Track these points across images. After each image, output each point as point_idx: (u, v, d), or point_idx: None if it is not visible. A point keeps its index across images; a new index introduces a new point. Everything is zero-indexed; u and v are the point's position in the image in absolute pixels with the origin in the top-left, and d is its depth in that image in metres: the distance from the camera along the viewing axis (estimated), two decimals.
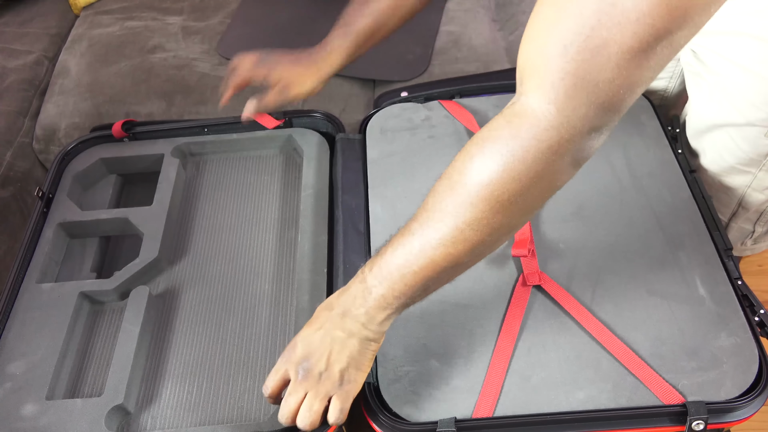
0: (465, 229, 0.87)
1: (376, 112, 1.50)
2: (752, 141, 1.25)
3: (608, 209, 1.26)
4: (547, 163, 0.82)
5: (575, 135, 0.81)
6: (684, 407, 1.01)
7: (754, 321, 1.11)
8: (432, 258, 0.91)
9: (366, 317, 0.98)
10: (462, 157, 0.89)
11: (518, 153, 0.82)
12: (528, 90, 0.81)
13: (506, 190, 0.84)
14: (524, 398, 1.05)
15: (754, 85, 1.19)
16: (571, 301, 1.14)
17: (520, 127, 0.82)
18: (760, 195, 1.33)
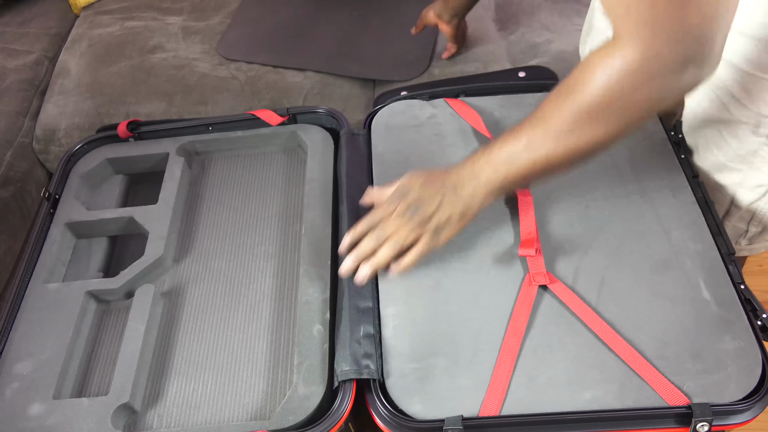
0: (568, 140, 1.05)
1: (381, 108, 1.50)
2: (741, 137, 1.26)
3: (613, 212, 1.26)
4: (644, 90, 0.97)
5: (666, 66, 0.93)
6: (689, 409, 1.01)
7: (757, 325, 1.11)
8: (533, 157, 1.08)
9: (470, 197, 1.16)
10: (572, 78, 1.03)
11: (618, 79, 0.96)
12: (621, 26, 0.94)
13: (615, 103, 0.99)
14: (530, 398, 1.05)
15: (741, 81, 1.20)
16: (577, 301, 1.14)
17: (615, 59, 0.96)
18: (751, 193, 1.33)
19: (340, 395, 1.08)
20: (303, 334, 1.16)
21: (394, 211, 1.19)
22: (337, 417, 1.06)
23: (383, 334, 1.14)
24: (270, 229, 1.38)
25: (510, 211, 1.28)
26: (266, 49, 2.10)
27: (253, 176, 1.48)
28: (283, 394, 1.13)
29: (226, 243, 1.36)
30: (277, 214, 1.40)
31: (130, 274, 1.28)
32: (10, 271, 1.79)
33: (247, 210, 1.41)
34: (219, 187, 1.47)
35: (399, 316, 1.16)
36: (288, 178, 1.46)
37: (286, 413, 1.07)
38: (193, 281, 1.30)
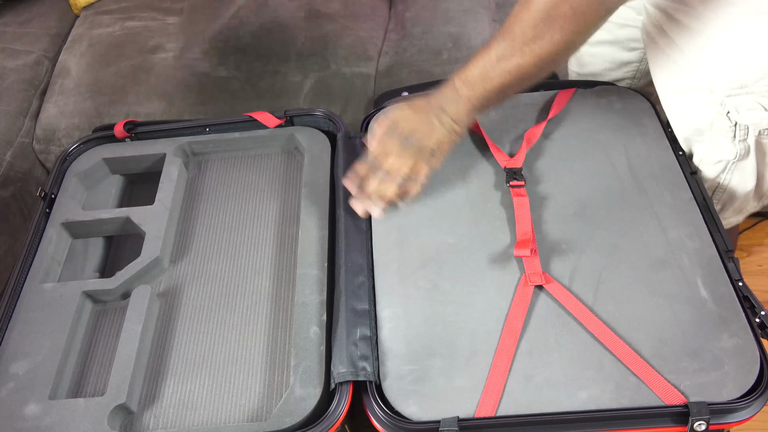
0: (532, 45, 1.12)
1: (376, 111, 1.50)
2: (698, 108, 1.27)
3: (610, 210, 1.26)
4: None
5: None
6: (686, 408, 1.01)
7: (755, 322, 1.11)
8: (506, 68, 1.15)
9: (456, 114, 1.23)
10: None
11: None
12: None
13: (561, 9, 1.08)
14: (527, 398, 1.05)
15: (697, 45, 1.22)
16: (573, 301, 1.14)
17: None
18: (711, 168, 1.33)
19: (337, 397, 1.08)
20: (300, 335, 1.16)
21: (389, 147, 1.26)
22: (334, 419, 1.06)
23: (380, 336, 1.14)
24: (267, 231, 1.37)
25: (506, 212, 1.28)
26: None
27: (250, 178, 1.48)
28: (280, 395, 1.13)
29: (222, 244, 1.36)
30: (274, 216, 1.40)
31: (126, 274, 1.28)
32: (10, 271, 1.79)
33: (243, 212, 1.41)
34: (216, 188, 1.46)
35: (395, 317, 1.16)
36: (285, 180, 1.46)
37: (283, 415, 1.07)
38: (189, 282, 1.30)
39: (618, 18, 1.46)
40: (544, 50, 1.12)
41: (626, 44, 1.55)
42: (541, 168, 1.34)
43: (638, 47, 1.53)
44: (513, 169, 1.32)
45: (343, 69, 2.04)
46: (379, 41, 2.20)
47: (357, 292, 1.19)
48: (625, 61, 1.57)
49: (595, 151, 1.36)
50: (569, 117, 1.43)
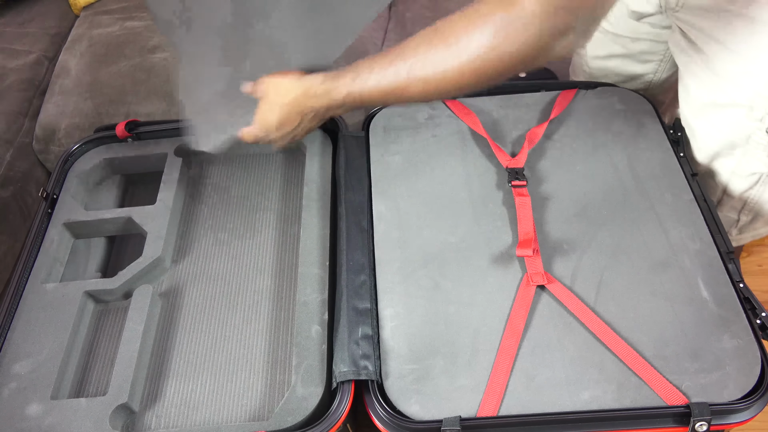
0: (431, 77, 1.06)
1: (379, 110, 1.50)
2: (734, 123, 1.26)
3: (612, 211, 1.26)
4: (525, 49, 0.98)
5: (554, 30, 0.96)
6: (687, 408, 1.01)
7: (756, 323, 1.11)
8: (393, 85, 1.10)
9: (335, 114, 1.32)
10: (451, 21, 1.04)
11: (503, 34, 0.98)
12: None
13: (482, 61, 1.01)
14: (529, 398, 1.05)
15: (737, 64, 1.21)
16: (575, 301, 1.14)
17: (510, 13, 0.96)
18: (743, 181, 1.33)
19: (339, 396, 1.08)
20: (301, 335, 1.16)
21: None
22: (336, 418, 1.06)
23: (381, 335, 1.14)
24: (268, 230, 1.37)
25: (508, 212, 1.28)
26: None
27: (251, 177, 1.48)
28: (282, 394, 1.13)
29: (224, 244, 1.36)
30: (275, 214, 1.40)
31: (128, 274, 1.28)
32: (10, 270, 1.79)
33: (245, 211, 1.41)
34: (217, 187, 1.46)
35: (397, 317, 1.16)
36: (286, 179, 1.46)
37: (285, 414, 1.07)
38: (191, 282, 1.30)
39: (631, 32, 1.46)
40: (444, 86, 1.07)
41: (639, 57, 1.53)
42: (542, 168, 1.34)
43: (652, 59, 1.52)
44: (515, 169, 1.32)
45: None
46: (379, 41, 2.20)
47: (359, 291, 1.19)
48: (639, 73, 1.56)
49: (596, 151, 1.36)
50: (571, 117, 1.43)
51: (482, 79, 1.04)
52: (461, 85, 1.05)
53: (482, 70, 1.02)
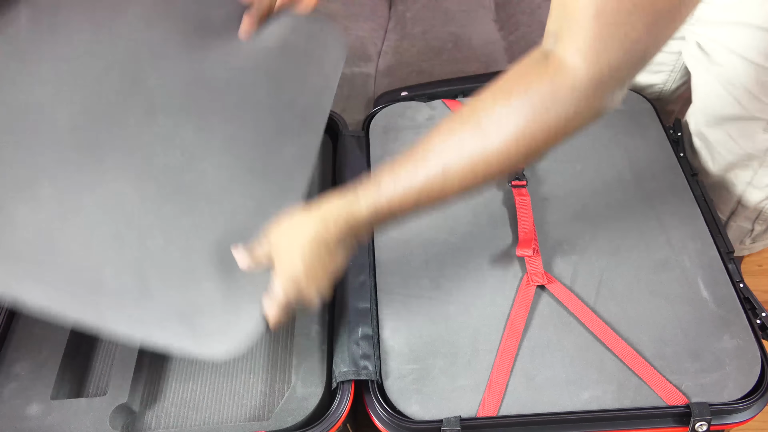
0: (481, 163, 0.89)
1: (380, 110, 1.50)
2: (752, 136, 1.26)
3: (612, 211, 1.26)
4: (580, 115, 0.85)
5: (606, 87, 0.83)
6: (687, 408, 1.02)
7: (756, 324, 1.11)
8: (438, 187, 0.92)
9: (365, 237, 1.05)
10: (490, 97, 0.88)
11: (554, 107, 0.84)
12: (566, 45, 0.83)
13: (534, 138, 0.86)
14: (528, 398, 1.06)
15: (756, 76, 1.20)
16: (575, 301, 1.14)
17: (558, 81, 0.83)
18: (760, 192, 1.34)
19: (339, 396, 1.08)
20: (301, 335, 1.16)
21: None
22: (336, 418, 1.06)
23: (381, 335, 1.14)
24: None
25: (508, 212, 1.28)
26: None
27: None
28: (282, 395, 1.13)
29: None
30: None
31: None
32: None
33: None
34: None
35: (397, 317, 1.16)
36: None
37: (285, 414, 1.07)
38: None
39: None
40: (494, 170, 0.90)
41: (650, 68, 1.53)
42: (542, 168, 1.34)
43: (662, 70, 1.51)
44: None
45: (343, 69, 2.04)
46: (379, 41, 2.20)
47: (359, 290, 1.19)
48: (649, 83, 1.55)
49: (596, 151, 1.36)
50: None
51: (531, 156, 0.89)
52: (506, 167, 0.89)
53: (529, 147, 0.86)
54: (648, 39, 0.80)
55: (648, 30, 0.79)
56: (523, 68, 0.87)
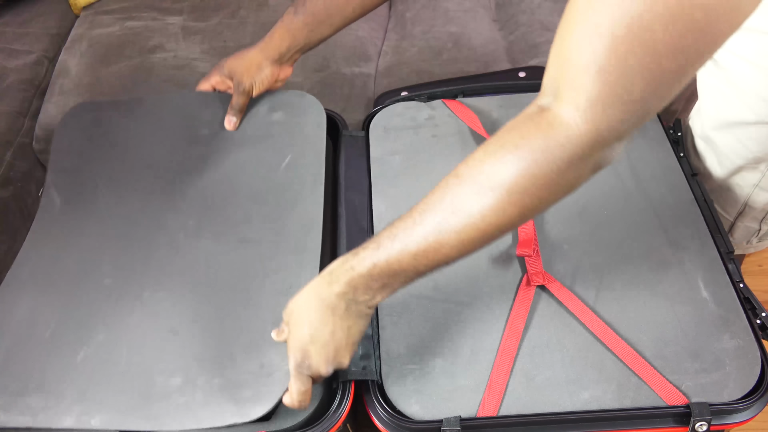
0: (477, 220, 0.87)
1: (379, 110, 1.50)
2: (761, 140, 1.26)
3: (612, 211, 1.26)
4: (574, 170, 0.83)
5: (605, 145, 0.82)
6: (687, 408, 1.02)
7: (756, 324, 1.11)
8: (435, 245, 0.90)
9: (371, 301, 0.98)
10: (480, 157, 0.87)
11: (546, 160, 0.82)
12: (563, 102, 0.80)
13: (526, 192, 0.84)
14: (528, 398, 1.06)
15: (764, 81, 1.20)
16: (575, 301, 1.14)
17: (552, 135, 0.81)
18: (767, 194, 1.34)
19: (339, 396, 1.08)
20: None
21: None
22: (336, 418, 1.06)
23: (381, 336, 1.14)
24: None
25: None
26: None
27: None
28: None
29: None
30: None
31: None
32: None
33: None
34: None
35: (397, 317, 1.16)
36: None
37: (285, 414, 1.07)
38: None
39: None
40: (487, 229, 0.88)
41: None
42: None
43: None
44: None
45: (343, 69, 2.04)
46: (379, 41, 2.20)
47: None
48: None
49: None
50: None
51: (526, 211, 0.86)
52: (504, 224, 0.87)
53: (522, 202, 0.85)
54: (651, 98, 0.78)
55: (652, 90, 0.77)
56: (517, 122, 0.85)
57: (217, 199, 1.34)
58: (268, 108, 1.47)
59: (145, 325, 1.17)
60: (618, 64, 0.75)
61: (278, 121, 1.44)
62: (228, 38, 2.15)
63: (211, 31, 2.19)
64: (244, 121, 1.45)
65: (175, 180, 1.38)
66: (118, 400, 1.08)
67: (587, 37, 0.76)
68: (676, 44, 0.72)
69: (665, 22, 0.71)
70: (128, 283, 1.23)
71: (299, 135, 1.41)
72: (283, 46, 1.38)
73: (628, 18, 0.72)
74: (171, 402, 1.07)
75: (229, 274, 1.24)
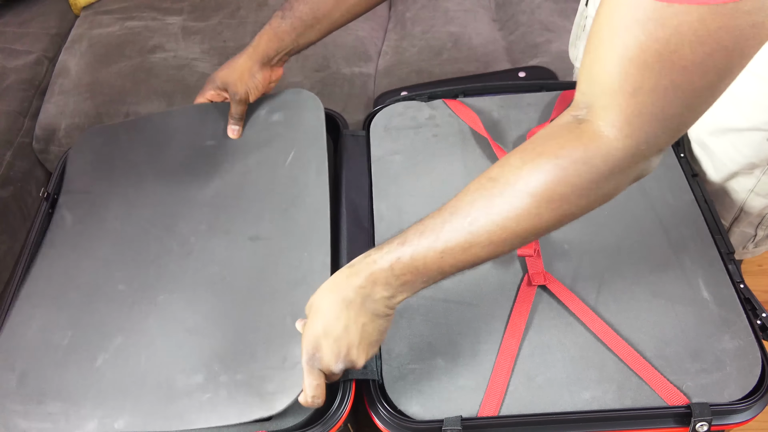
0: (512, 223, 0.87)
1: (380, 109, 1.50)
2: (755, 146, 1.26)
3: (612, 211, 1.26)
4: (614, 181, 0.85)
5: (643, 158, 0.83)
6: (688, 408, 1.01)
7: (757, 324, 1.11)
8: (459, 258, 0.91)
9: (390, 300, 0.97)
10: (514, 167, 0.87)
11: (587, 171, 0.83)
12: (600, 118, 0.81)
13: (565, 200, 0.85)
14: (529, 398, 1.05)
15: (758, 88, 1.20)
16: (575, 301, 1.14)
17: (592, 148, 0.82)
18: (763, 199, 1.33)
19: (339, 396, 1.08)
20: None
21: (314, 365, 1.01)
22: (337, 418, 1.06)
23: None
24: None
25: None
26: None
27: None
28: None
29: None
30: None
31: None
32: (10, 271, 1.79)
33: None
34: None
35: (398, 316, 1.16)
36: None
37: (285, 414, 1.07)
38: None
39: None
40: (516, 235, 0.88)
41: None
42: None
43: None
44: None
45: (343, 69, 2.04)
46: (379, 41, 2.20)
47: None
48: None
49: None
50: None
51: (563, 218, 0.87)
52: (539, 228, 0.88)
53: (561, 209, 0.86)
54: (686, 114, 0.80)
55: (686, 106, 0.78)
56: (555, 131, 0.86)
57: (226, 202, 1.35)
58: (267, 110, 1.47)
59: (162, 328, 1.18)
60: (651, 85, 0.76)
61: (278, 121, 1.45)
62: (228, 38, 2.16)
63: (211, 31, 2.19)
64: (246, 126, 1.45)
65: (184, 188, 1.39)
66: (141, 402, 1.09)
67: (617, 59, 0.77)
68: (706, 63, 0.73)
69: (693, 44, 0.72)
70: (143, 288, 1.24)
71: (300, 130, 1.41)
72: (271, 50, 1.37)
73: (655, 43, 0.73)
74: (194, 400, 1.08)
75: (242, 271, 1.24)
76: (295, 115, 1.44)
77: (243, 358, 1.12)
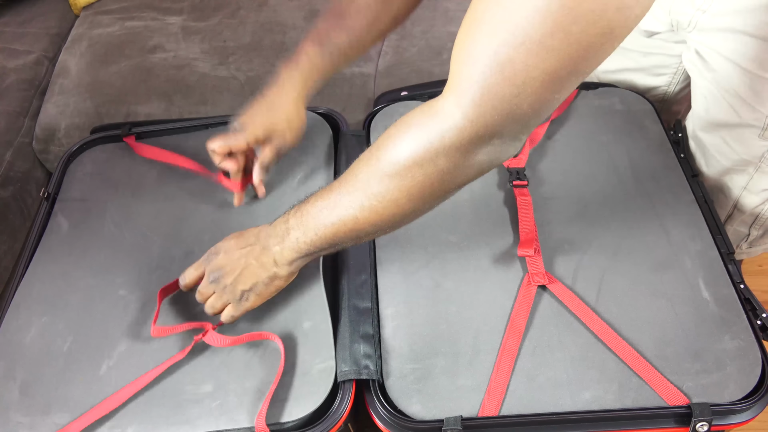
0: (372, 200, 0.96)
1: (380, 109, 1.50)
2: (746, 142, 1.26)
3: (612, 211, 1.26)
4: (449, 159, 0.89)
5: (477, 139, 0.87)
6: (688, 408, 1.02)
7: (757, 324, 1.11)
8: (341, 218, 1.00)
9: (279, 255, 1.09)
10: (383, 135, 0.96)
11: (425, 144, 0.89)
12: (446, 91, 0.87)
13: (412, 174, 0.91)
14: (530, 398, 1.05)
15: (749, 84, 1.20)
16: (576, 301, 1.14)
17: (431, 122, 0.88)
18: (756, 197, 1.33)
19: (340, 395, 1.08)
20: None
21: (204, 287, 1.15)
22: (337, 417, 1.06)
23: (382, 335, 1.14)
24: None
25: (509, 212, 1.28)
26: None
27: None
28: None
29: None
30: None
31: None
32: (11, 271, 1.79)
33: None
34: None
35: (398, 316, 1.16)
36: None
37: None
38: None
39: (642, 47, 1.46)
40: (385, 211, 0.96)
41: (652, 71, 1.51)
42: (544, 168, 1.35)
43: (665, 72, 1.50)
44: (516, 168, 1.33)
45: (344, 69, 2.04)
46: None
47: (360, 290, 1.19)
48: (653, 86, 1.54)
49: (597, 152, 1.36)
50: (572, 118, 1.43)
51: (426, 198, 0.95)
52: (405, 209, 0.96)
53: (403, 177, 0.92)
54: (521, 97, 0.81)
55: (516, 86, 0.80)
56: (415, 110, 0.93)
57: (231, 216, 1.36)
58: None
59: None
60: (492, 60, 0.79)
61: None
62: (228, 38, 2.15)
63: (211, 31, 2.19)
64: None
65: (186, 197, 1.39)
66: (149, 409, 1.09)
67: (474, 43, 0.81)
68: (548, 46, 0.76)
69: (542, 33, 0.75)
70: (145, 293, 1.24)
71: (308, 152, 1.44)
72: (314, 84, 1.28)
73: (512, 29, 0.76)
74: (204, 406, 1.08)
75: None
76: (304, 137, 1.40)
77: (251, 364, 1.13)
